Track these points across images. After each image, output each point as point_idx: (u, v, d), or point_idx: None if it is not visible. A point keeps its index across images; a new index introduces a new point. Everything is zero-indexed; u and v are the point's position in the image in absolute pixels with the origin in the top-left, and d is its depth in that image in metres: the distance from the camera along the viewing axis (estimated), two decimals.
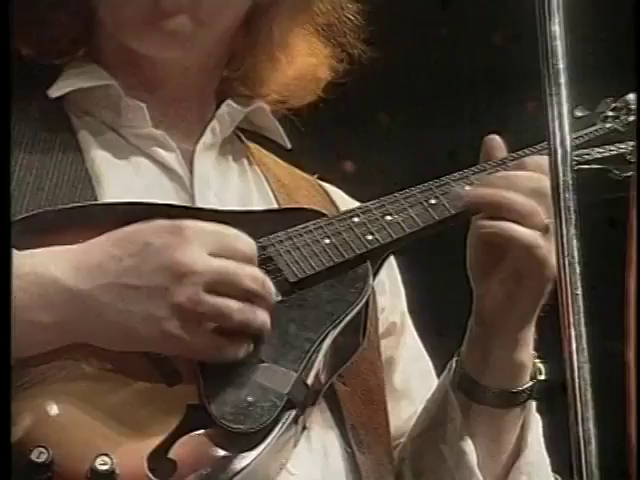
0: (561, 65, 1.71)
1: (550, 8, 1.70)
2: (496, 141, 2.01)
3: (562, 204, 1.66)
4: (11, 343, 1.59)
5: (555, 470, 2.04)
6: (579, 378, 1.62)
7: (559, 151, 1.70)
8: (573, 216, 1.66)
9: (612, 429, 1.63)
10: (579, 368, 1.63)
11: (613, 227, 1.58)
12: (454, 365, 2.07)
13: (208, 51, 2.10)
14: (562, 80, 1.70)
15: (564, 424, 1.62)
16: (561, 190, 1.68)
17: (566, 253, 1.66)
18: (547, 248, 1.90)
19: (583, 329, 1.64)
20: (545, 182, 1.88)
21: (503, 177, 1.95)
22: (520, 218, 1.91)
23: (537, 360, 2.04)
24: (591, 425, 1.60)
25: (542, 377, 2.03)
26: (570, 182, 1.68)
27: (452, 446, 2.04)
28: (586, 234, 1.66)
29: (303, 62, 2.18)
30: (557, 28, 1.71)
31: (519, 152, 2.03)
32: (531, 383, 2.03)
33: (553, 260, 1.85)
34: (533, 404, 2.06)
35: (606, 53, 1.68)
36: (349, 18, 2.16)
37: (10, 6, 1.65)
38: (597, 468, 1.60)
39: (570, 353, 1.63)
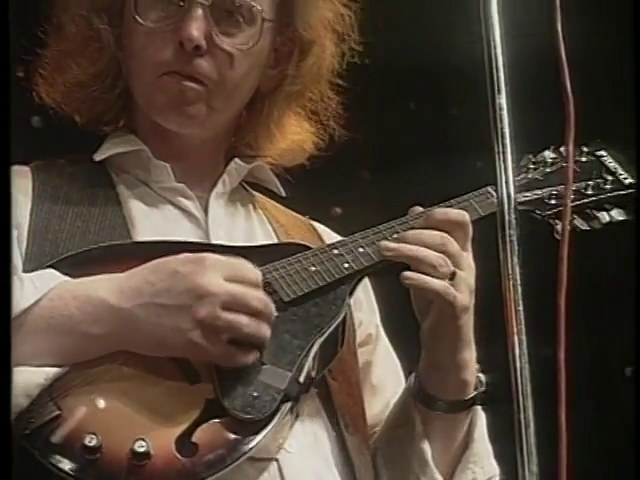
0: (507, 130, 1.70)
1: (499, 85, 1.70)
2: (417, 209, 2.01)
3: (507, 238, 1.67)
4: (11, 344, 1.51)
5: (501, 448, 2.02)
6: (521, 376, 1.63)
7: (505, 197, 1.70)
8: (515, 248, 1.67)
9: (546, 416, 1.61)
10: (521, 368, 1.63)
11: (548, 256, 1.58)
12: (413, 380, 2.05)
13: (219, 128, 2.10)
14: (507, 141, 1.70)
15: (509, 412, 1.62)
16: (506, 227, 1.68)
17: (510, 277, 1.66)
18: (455, 290, 1.91)
19: (524, 337, 1.65)
20: (445, 238, 1.92)
21: (417, 235, 1.94)
22: (432, 270, 1.90)
23: (479, 374, 2.02)
24: (530, 413, 1.61)
25: (483, 389, 2.02)
26: (513, 221, 1.69)
27: (412, 442, 2.02)
28: (526, 262, 1.66)
29: (293, 138, 2.19)
30: (503, 101, 1.70)
31: (464, 196, 2.03)
32: (475, 393, 2.01)
33: (462, 299, 1.91)
34: (479, 407, 2.04)
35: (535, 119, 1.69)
36: (331, 106, 2.16)
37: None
38: (534, 447, 1.60)
39: (514, 357, 1.64)
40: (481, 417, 2.07)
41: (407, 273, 1.91)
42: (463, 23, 1.77)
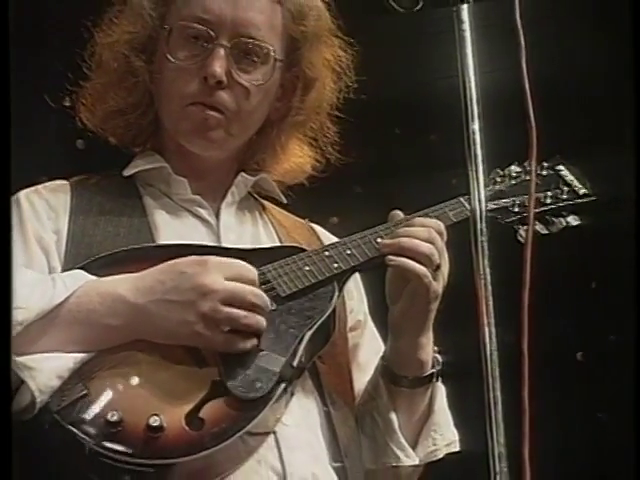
0: (479, 152, 1.70)
1: (472, 114, 1.69)
2: (396, 214, 2.00)
3: (479, 243, 1.67)
4: (11, 342, 1.50)
5: (473, 422, 2.01)
6: (490, 361, 1.62)
7: (477, 209, 1.69)
8: (486, 251, 1.66)
9: (511, 394, 1.60)
10: (490, 354, 1.62)
11: (512, 257, 1.59)
12: (380, 360, 2.05)
13: (234, 150, 2.10)
14: (479, 161, 1.69)
15: (480, 391, 1.61)
16: (478, 234, 1.68)
17: (481, 276, 1.65)
18: (433, 278, 1.90)
19: (493, 328, 1.64)
20: (433, 234, 1.92)
21: (410, 231, 1.94)
22: (423, 258, 1.90)
23: (436, 354, 2.02)
24: (498, 392, 1.60)
25: (439, 367, 2.02)
26: (484, 229, 1.68)
27: (381, 414, 2.02)
28: (495, 264, 1.66)
29: (295, 160, 2.18)
30: (476, 127, 1.69)
31: (427, 210, 2.03)
32: (432, 371, 2.01)
33: (437, 287, 1.91)
34: (439, 381, 2.04)
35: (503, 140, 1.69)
36: (329, 134, 2.16)
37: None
38: (502, 421, 1.59)
39: (484, 343, 1.63)
40: (441, 391, 2.06)
41: (391, 256, 1.91)
42: (442, 62, 1.76)
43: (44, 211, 1.96)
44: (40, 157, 2.13)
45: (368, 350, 2.15)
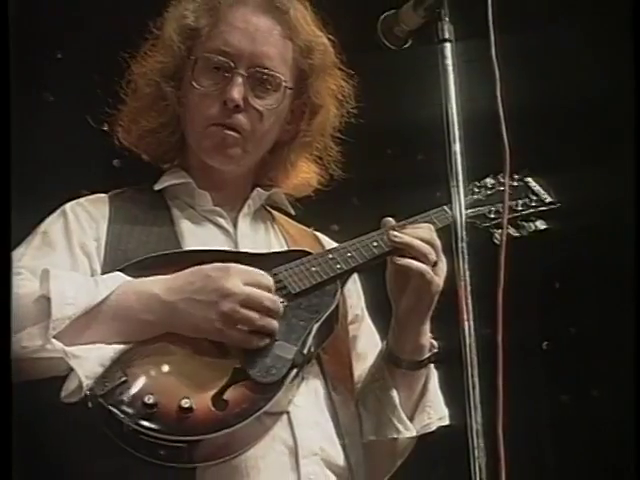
0: (460, 169, 1.69)
1: (453, 136, 1.69)
2: (388, 220, 1.99)
3: (460, 248, 1.67)
4: (11, 340, 1.54)
5: (455, 404, 2.00)
6: (469, 350, 1.61)
7: (458, 219, 1.69)
8: (466, 255, 1.66)
9: (488, 379, 1.60)
10: (470, 345, 1.62)
11: (490, 262, 1.58)
12: (384, 346, 2.04)
13: (250, 166, 2.09)
14: (460, 177, 1.69)
15: (460, 377, 1.61)
16: (459, 240, 1.67)
17: (462, 277, 1.65)
18: (434, 274, 1.90)
19: (472, 322, 1.63)
20: (434, 235, 1.92)
21: (411, 231, 1.93)
22: (420, 256, 1.89)
23: (433, 341, 2.01)
24: (476, 377, 1.59)
25: (435, 350, 2.00)
26: (464, 236, 1.67)
27: (384, 392, 2.00)
28: (473, 265, 1.65)
29: (303, 176, 2.17)
30: (458, 148, 1.69)
31: (417, 217, 2.02)
32: (429, 354, 2.00)
33: (438, 282, 1.90)
34: (432, 365, 2.03)
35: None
36: (333, 154, 2.15)
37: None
38: (480, 403, 1.59)
39: (464, 336, 1.62)
40: (434, 373, 2.05)
41: (398, 257, 1.90)
42: (427, 92, 1.77)
43: (86, 221, 1.95)
44: (82, 174, 2.13)
45: (365, 341, 2.14)
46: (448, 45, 1.74)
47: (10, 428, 1.38)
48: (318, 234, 2.24)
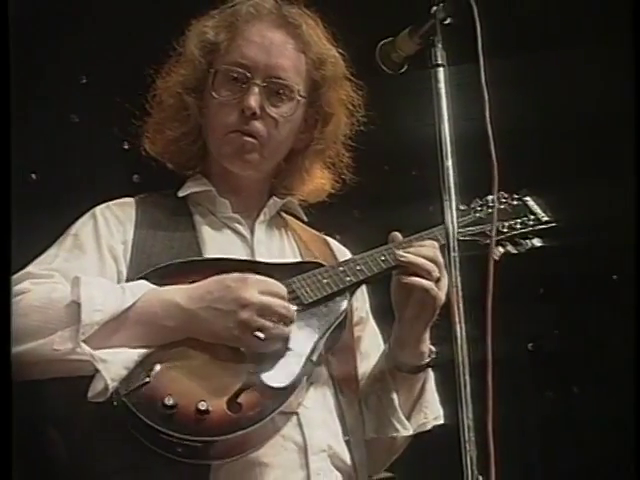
0: (452, 185, 1.68)
1: (446, 153, 1.67)
2: (396, 235, 1.97)
3: (452, 259, 1.65)
4: (11, 338, 1.53)
5: (445, 400, 1.99)
6: (461, 351, 1.60)
7: (450, 231, 1.67)
8: (458, 265, 1.65)
9: (477, 377, 1.59)
10: (461, 346, 1.60)
11: (477, 272, 1.58)
12: (387, 350, 2.02)
13: (267, 171, 2.07)
14: (452, 192, 1.67)
15: (452, 375, 1.59)
16: (451, 251, 1.66)
17: (454, 286, 1.64)
18: (437, 290, 1.87)
19: (463, 326, 1.61)
20: (437, 253, 1.89)
21: (416, 250, 1.91)
22: (424, 273, 1.87)
23: (431, 347, 1.98)
24: (467, 376, 1.58)
25: (434, 355, 1.98)
26: (456, 247, 1.66)
27: (385, 394, 1.99)
28: (465, 276, 1.64)
29: (317, 182, 2.15)
30: (450, 164, 1.67)
31: (422, 233, 1.99)
32: (428, 360, 1.98)
33: (442, 296, 1.87)
34: (429, 369, 2.01)
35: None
36: (345, 160, 2.13)
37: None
38: (471, 400, 1.57)
39: (456, 339, 1.61)
40: (431, 376, 2.03)
41: (404, 276, 1.89)
42: (422, 113, 1.75)
43: (114, 225, 1.93)
44: (104, 188, 2.12)
45: (369, 341, 2.12)
46: (441, 70, 1.73)
47: (10, 428, 1.36)
48: (328, 239, 2.22)
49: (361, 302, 2.15)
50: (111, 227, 1.93)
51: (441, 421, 2.03)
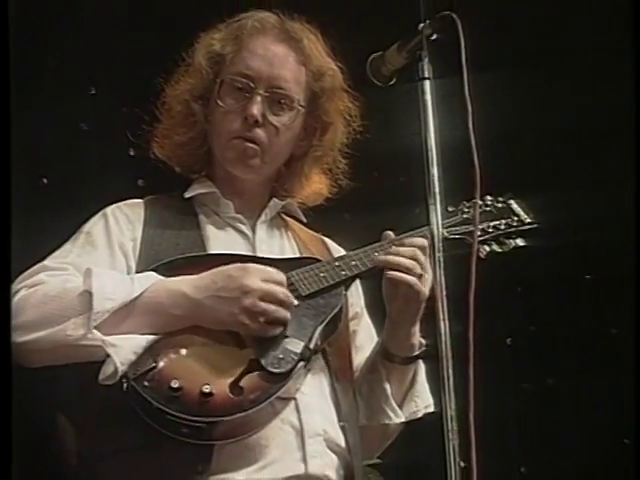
0: (437, 189, 1.68)
1: (432, 160, 1.68)
2: (389, 234, 1.96)
3: (437, 259, 1.67)
4: (11, 339, 1.53)
5: (433, 390, 1.98)
6: (445, 346, 1.60)
7: (435, 232, 1.69)
8: (442, 264, 1.66)
9: (460, 370, 1.59)
10: (445, 342, 1.61)
11: (463, 270, 1.58)
12: (379, 342, 2.02)
13: (268, 175, 2.07)
14: (437, 197, 1.68)
15: (436, 369, 1.60)
16: (436, 251, 1.67)
17: (438, 284, 1.65)
18: (420, 285, 1.87)
19: (447, 322, 1.62)
20: (417, 252, 1.88)
21: (395, 250, 1.90)
22: (407, 270, 1.86)
23: (422, 339, 1.98)
24: (450, 369, 1.58)
25: (424, 348, 1.97)
26: (440, 247, 1.67)
27: (378, 384, 1.98)
28: (449, 274, 1.64)
29: (315, 186, 2.15)
30: (435, 171, 1.68)
31: (412, 232, 1.97)
32: (418, 352, 1.97)
33: (425, 291, 1.87)
34: (420, 360, 2.00)
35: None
36: (341, 166, 2.13)
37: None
38: (453, 391, 1.58)
39: (440, 334, 1.61)
40: (421, 367, 2.03)
41: (390, 272, 1.88)
42: (409, 122, 1.77)
43: (124, 223, 1.94)
44: (111, 192, 2.11)
45: (364, 335, 2.12)
46: (427, 82, 1.74)
47: (10, 425, 1.35)
48: (325, 239, 2.22)
49: (356, 298, 2.14)
50: (121, 225, 1.93)
51: (432, 409, 2.02)
